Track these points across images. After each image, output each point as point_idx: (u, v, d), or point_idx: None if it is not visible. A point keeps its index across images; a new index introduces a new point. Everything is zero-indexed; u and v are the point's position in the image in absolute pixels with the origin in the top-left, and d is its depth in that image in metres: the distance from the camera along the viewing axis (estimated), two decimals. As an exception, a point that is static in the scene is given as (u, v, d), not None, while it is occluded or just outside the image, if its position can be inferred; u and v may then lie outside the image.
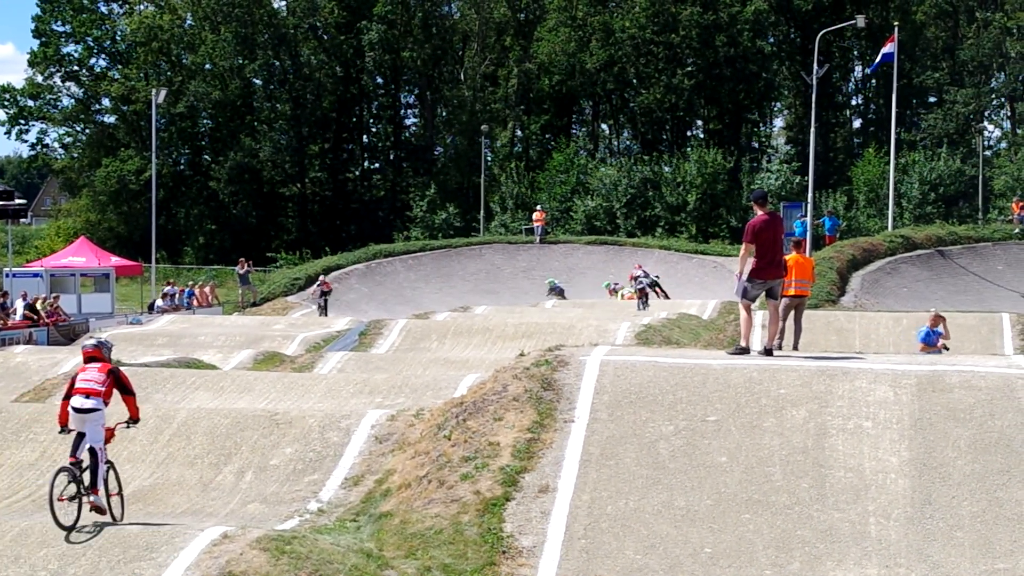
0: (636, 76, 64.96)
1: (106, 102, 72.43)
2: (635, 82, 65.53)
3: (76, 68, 72.01)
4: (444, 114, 71.11)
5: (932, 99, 67.69)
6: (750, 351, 13.12)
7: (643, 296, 33.73)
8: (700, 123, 69.73)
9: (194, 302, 40.67)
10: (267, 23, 68.11)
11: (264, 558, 8.62)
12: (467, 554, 9.53)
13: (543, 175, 63.70)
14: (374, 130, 75.27)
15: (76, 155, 73.70)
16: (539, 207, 53.10)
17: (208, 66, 69.69)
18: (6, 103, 71.65)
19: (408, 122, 75.12)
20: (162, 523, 9.96)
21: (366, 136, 75.46)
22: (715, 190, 56.63)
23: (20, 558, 8.86)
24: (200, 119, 71.88)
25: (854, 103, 73.34)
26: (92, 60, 72.49)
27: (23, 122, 72.36)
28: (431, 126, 70.95)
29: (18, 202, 42.89)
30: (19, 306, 31.27)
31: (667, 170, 58.90)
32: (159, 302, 40.07)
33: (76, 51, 71.86)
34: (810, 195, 43.40)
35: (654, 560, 9.39)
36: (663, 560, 9.39)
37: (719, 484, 10.23)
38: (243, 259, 45.51)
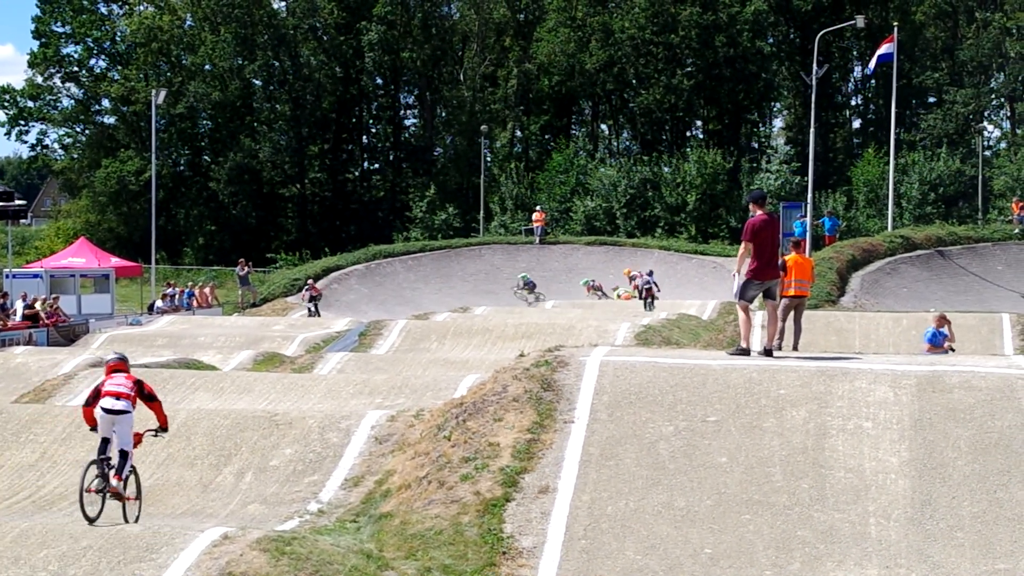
0: (636, 76, 64.88)
1: (106, 103, 72.43)
2: (635, 82, 65.44)
3: (76, 69, 71.93)
4: (444, 114, 71.06)
5: (932, 99, 67.59)
6: (751, 352, 13.12)
7: (649, 296, 33.70)
8: (700, 123, 69.67)
9: (194, 303, 40.67)
10: (267, 24, 68.02)
11: (264, 559, 8.62)
12: (467, 555, 9.53)
13: (543, 175, 63.66)
14: (374, 131, 75.22)
15: (76, 156, 73.64)
16: (539, 208, 53.07)
17: (208, 67, 69.60)
18: (6, 104, 71.60)
19: (408, 123, 75.14)
20: (162, 524, 9.97)
21: (366, 137, 75.41)
22: (715, 190, 56.62)
23: (20, 559, 8.86)
24: (200, 120, 71.82)
25: (854, 103, 73.29)
26: (92, 61, 72.50)
27: (23, 123, 72.30)
28: (431, 127, 70.91)
29: (18, 203, 42.90)
30: (19, 307, 31.28)
31: (667, 170, 58.90)
32: (159, 303, 40.07)
33: (76, 52, 71.85)
34: (810, 195, 43.39)
35: (654, 561, 9.39)
36: (663, 561, 9.39)
37: (719, 485, 10.23)
38: (243, 260, 45.48)
